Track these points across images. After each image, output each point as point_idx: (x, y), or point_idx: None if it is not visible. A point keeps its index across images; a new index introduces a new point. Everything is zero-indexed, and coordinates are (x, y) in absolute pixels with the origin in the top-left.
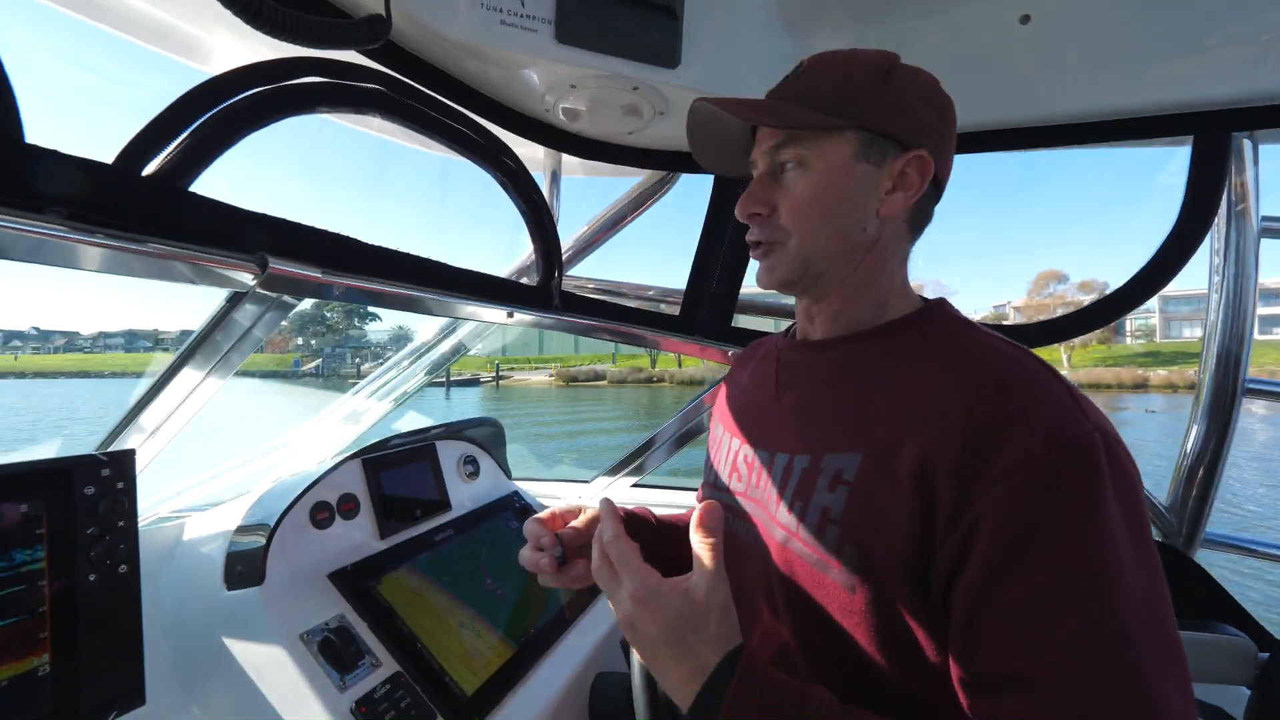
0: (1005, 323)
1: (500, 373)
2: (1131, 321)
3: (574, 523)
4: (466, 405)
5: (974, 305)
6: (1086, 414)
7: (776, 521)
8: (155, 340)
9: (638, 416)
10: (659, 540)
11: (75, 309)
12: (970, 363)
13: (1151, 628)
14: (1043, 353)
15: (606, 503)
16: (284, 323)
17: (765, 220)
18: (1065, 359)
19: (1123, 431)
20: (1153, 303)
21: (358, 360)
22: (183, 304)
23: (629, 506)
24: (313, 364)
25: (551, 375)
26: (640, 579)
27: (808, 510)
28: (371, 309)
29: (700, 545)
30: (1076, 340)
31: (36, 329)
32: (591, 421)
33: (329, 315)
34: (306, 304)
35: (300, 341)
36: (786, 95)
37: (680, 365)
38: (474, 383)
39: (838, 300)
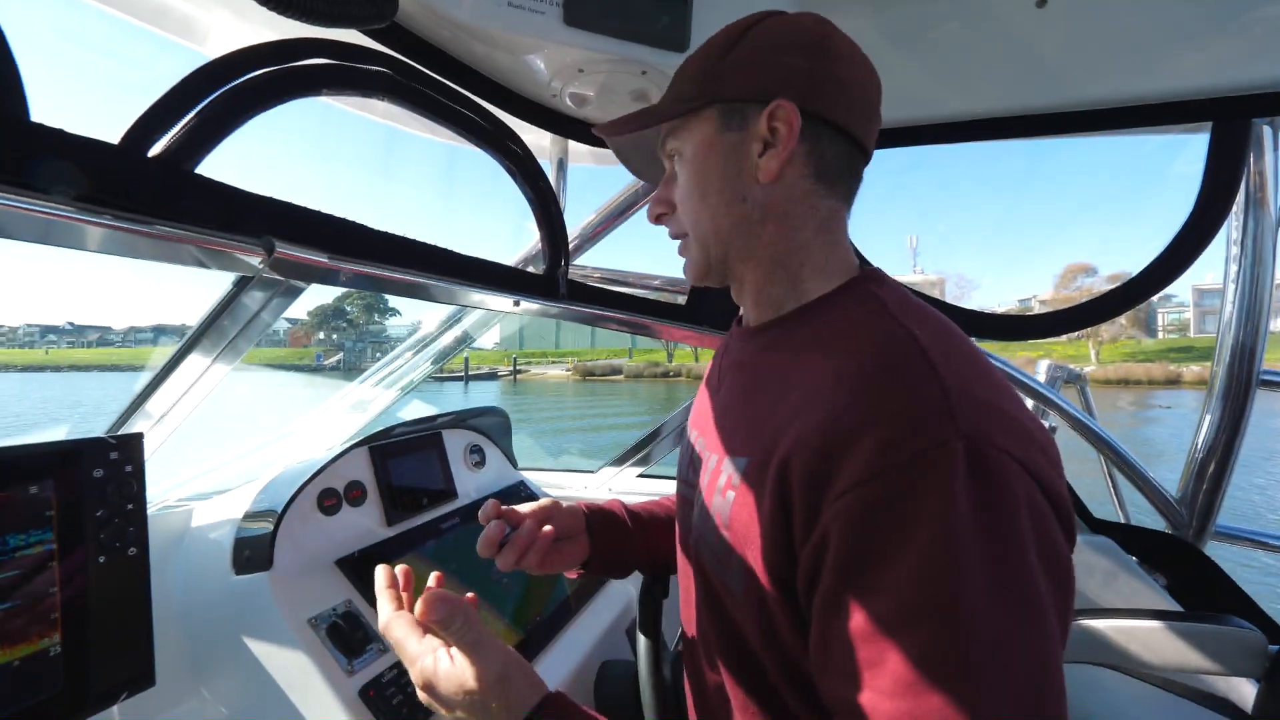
0: (1021, 313)
1: (517, 367)
2: (1164, 316)
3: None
4: (485, 399)
5: (998, 300)
6: (956, 417)
7: (695, 522)
8: (182, 334)
9: (653, 410)
10: (628, 535)
11: (107, 303)
12: (849, 353)
13: (1000, 665)
14: (1069, 348)
15: (382, 572)
16: (305, 317)
17: (669, 218)
18: (1093, 354)
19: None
20: (1187, 297)
21: (378, 355)
22: (208, 298)
23: (598, 501)
24: (335, 358)
25: (568, 369)
26: (418, 669)
27: (711, 513)
28: (391, 303)
29: (445, 636)
30: (1105, 335)
31: (71, 323)
32: (612, 416)
33: (349, 310)
34: (327, 299)
35: (321, 336)
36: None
37: (697, 359)
38: (491, 376)
39: (751, 281)
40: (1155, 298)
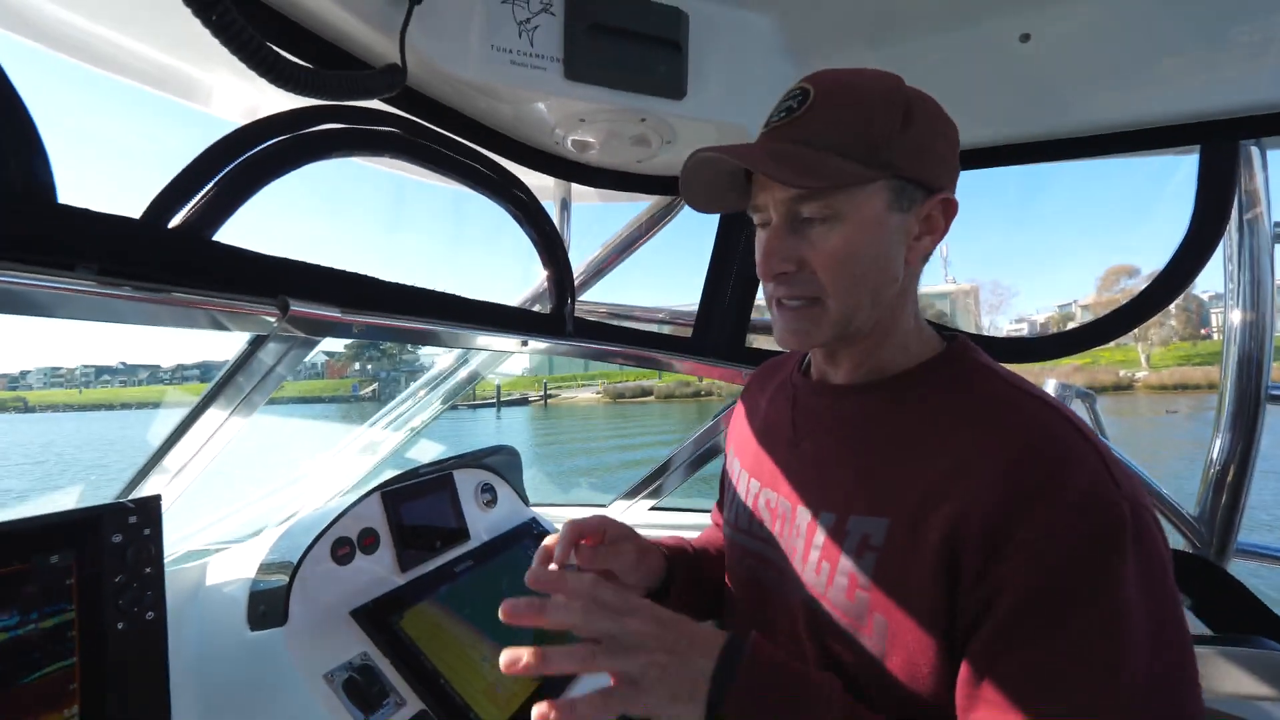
0: (1022, 335)
1: (548, 391)
2: (1217, 317)
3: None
4: (517, 423)
5: (1036, 305)
6: (1117, 482)
7: (803, 580)
8: (223, 370)
9: (689, 432)
10: (697, 568)
11: (155, 343)
12: (999, 424)
13: (1161, 713)
14: (1118, 353)
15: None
16: (342, 349)
17: (794, 277)
18: (1143, 358)
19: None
20: None
21: (411, 384)
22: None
23: (663, 537)
24: (370, 388)
25: (598, 392)
26: (645, 605)
27: (835, 574)
28: None
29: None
30: (1155, 339)
31: (123, 363)
32: (645, 435)
33: (382, 342)
34: None
35: (357, 367)
36: (802, 136)
37: None
38: (523, 402)
39: (862, 348)
40: (1206, 297)
